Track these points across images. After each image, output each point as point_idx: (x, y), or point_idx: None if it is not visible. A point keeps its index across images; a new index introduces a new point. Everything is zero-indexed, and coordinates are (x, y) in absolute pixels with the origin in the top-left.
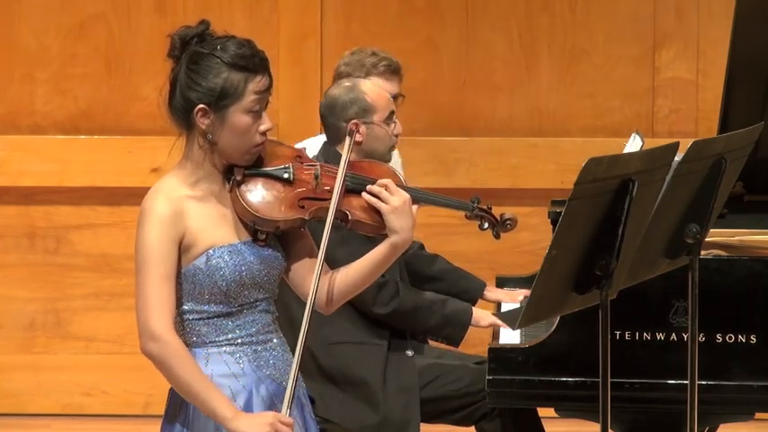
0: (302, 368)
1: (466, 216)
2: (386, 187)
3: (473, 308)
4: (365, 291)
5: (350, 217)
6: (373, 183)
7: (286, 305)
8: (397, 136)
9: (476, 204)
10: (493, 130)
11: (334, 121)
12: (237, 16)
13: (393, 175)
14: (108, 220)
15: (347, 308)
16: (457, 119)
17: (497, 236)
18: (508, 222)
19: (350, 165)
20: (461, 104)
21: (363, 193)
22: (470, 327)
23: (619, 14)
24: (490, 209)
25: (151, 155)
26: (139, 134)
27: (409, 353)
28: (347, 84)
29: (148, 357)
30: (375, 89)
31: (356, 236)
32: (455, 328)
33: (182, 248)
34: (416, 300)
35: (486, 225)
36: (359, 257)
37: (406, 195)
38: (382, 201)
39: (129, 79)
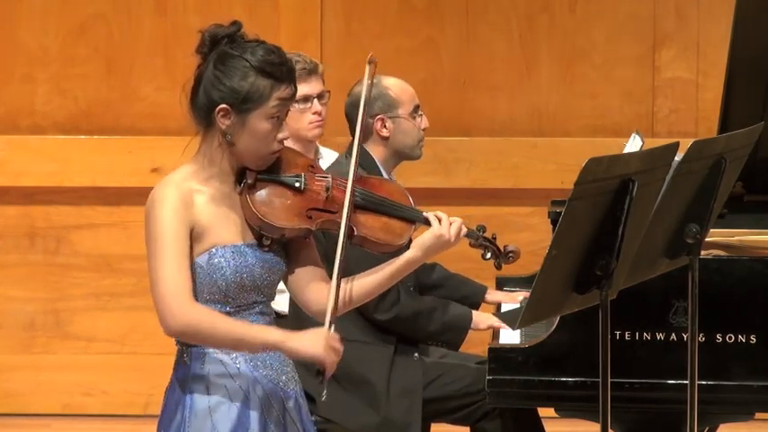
0: (307, 366)
1: (470, 245)
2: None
3: (472, 312)
4: None
5: (355, 232)
6: (383, 200)
7: (295, 305)
8: (423, 130)
9: (481, 233)
10: (493, 130)
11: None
12: (237, 16)
13: (403, 194)
14: (108, 220)
15: (354, 309)
16: (457, 119)
17: (499, 267)
18: (510, 255)
19: (361, 181)
20: (461, 104)
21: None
22: (470, 330)
23: (619, 14)
24: (494, 238)
25: (151, 155)
26: (139, 134)
27: (416, 355)
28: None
29: (176, 337)
30: (398, 84)
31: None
32: (454, 333)
33: (192, 238)
34: (417, 306)
35: (489, 255)
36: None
37: (452, 238)
38: (440, 225)
39: (129, 79)
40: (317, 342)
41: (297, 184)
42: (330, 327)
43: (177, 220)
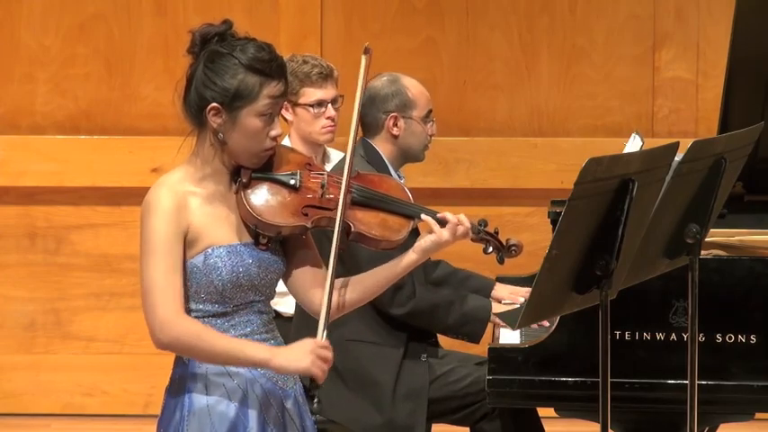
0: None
1: (471, 239)
2: (458, 222)
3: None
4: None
5: (352, 229)
6: (381, 197)
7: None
8: (431, 136)
9: (482, 227)
10: (493, 130)
11: (373, 112)
12: (237, 16)
13: (402, 191)
14: (108, 220)
15: (366, 308)
16: (457, 119)
17: (501, 261)
18: (513, 249)
19: (359, 177)
20: (461, 104)
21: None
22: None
23: (619, 14)
24: (497, 233)
25: (151, 155)
26: (139, 134)
27: (424, 357)
28: (389, 77)
29: (164, 350)
30: (416, 85)
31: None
32: (474, 325)
33: (186, 243)
34: (434, 299)
35: (491, 249)
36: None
37: (450, 238)
38: (440, 229)
39: (129, 79)
40: (303, 356)
41: (292, 182)
42: (323, 335)
43: (170, 227)
